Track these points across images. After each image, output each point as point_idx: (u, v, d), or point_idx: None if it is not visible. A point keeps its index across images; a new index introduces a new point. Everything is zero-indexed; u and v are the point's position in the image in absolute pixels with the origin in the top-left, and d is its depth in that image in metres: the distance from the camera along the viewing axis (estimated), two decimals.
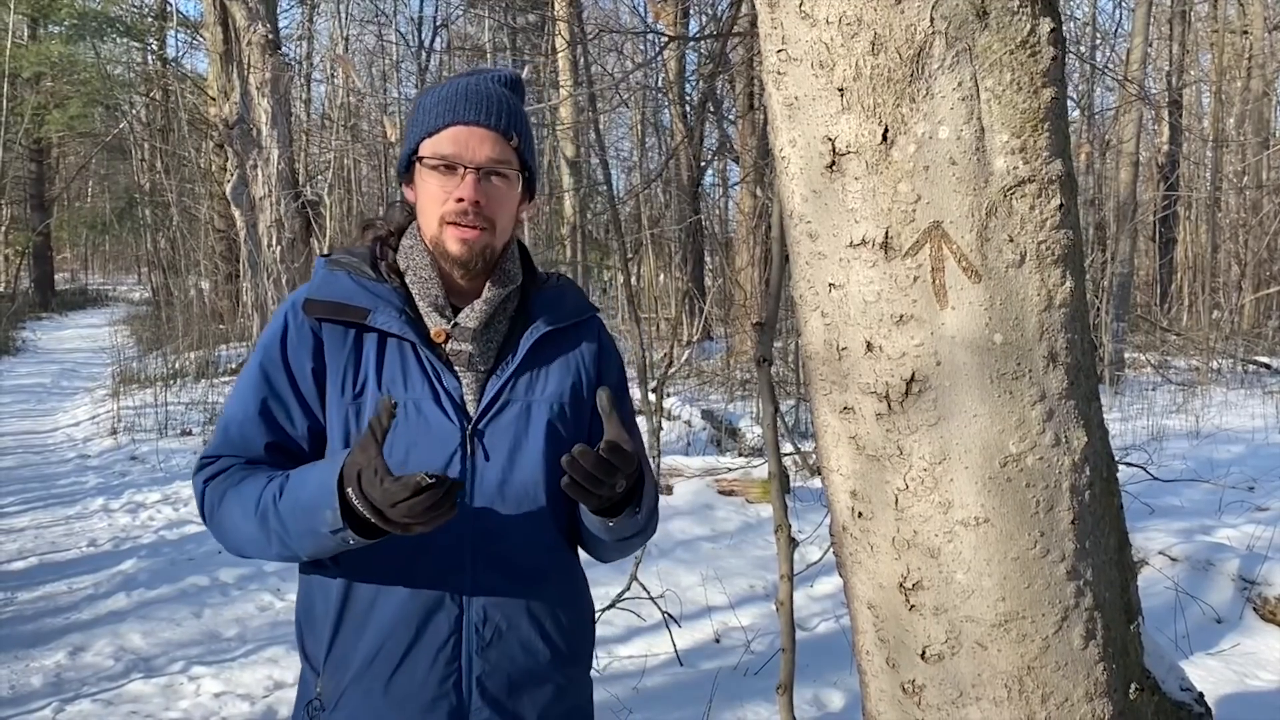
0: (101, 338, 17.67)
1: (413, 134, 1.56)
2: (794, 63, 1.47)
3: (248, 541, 1.47)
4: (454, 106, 1.53)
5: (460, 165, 1.50)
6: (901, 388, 1.45)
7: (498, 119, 1.53)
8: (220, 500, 1.48)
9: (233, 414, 1.54)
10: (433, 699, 1.47)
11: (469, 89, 1.55)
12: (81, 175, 30.89)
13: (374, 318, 1.50)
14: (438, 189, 1.51)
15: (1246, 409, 9.61)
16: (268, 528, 1.42)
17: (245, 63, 12.42)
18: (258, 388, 1.53)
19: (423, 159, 1.53)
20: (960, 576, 1.47)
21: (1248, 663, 4.02)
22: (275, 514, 1.41)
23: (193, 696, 3.82)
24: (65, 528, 6.25)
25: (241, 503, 1.45)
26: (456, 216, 1.50)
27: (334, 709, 1.49)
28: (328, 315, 1.51)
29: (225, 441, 1.53)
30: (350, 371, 1.51)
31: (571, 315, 1.63)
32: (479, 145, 1.51)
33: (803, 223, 1.53)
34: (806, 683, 3.77)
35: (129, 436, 9.07)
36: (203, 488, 1.52)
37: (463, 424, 1.50)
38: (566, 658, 1.58)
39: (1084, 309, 1.49)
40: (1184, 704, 1.70)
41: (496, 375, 1.54)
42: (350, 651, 1.49)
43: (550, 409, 1.56)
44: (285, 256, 12.65)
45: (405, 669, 1.47)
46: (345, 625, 1.49)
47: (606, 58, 17.37)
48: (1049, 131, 1.40)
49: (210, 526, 1.52)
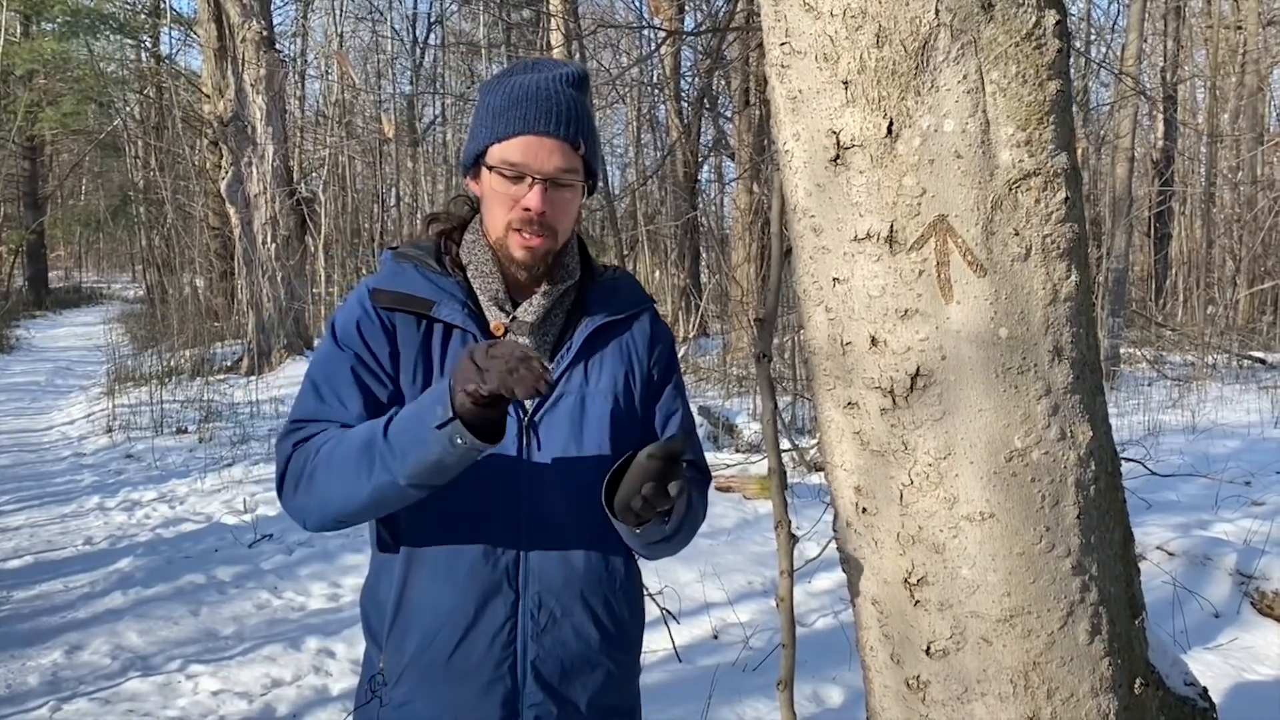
0: (96, 336, 17.62)
1: (480, 133, 1.57)
2: (798, 56, 1.46)
3: (340, 483, 1.44)
4: (524, 114, 1.53)
5: (529, 175, 1.52)
6: (906, 382, 1.45)
7: (567, 128, 1.54)
8: (316, 455, 1.46)
9: (322, 378, 1.55)
10: (488, 681, 1.52)
11: (539, 93, 1.54)
12: (75, 173, 30.82)
13: (438, 309, 1.54)
14: (505, 195, 1.54)
15: (1242, 404, 9.62)
16: (371, 454, 1.40)
17: (240, 59, 12.38)
18: (342, 358, 1.54)
19: (493, 167, 1.54)
20: (965, 572, 1.47)
21: (1246, 657, 4.02)
22: (383, 440, 1.40)
23: (190, 695, 3.81)
24: (61, 526, 6.22)
25: (345, 447, 1.43)
26: (522, 224, 1.53)
27: (395, 685, 1.55)
28: (395, 305, 1.55)
29: (319, 405, 1.53)
30: (420, 360, 1.55)
31: (626, 307, 1.66)
32: (548, 156, 1.52)
33: (806, 217, 1.52)
34: (806, 679, 3.77)
35: (124, 434, 9.05)
36: (291, 451, 1.50)
37: (519, 415, 1.54)
38: (618, 644, 1.63)
39: (1088, 303, 1.49)
40: (1188, 699, 1.70)
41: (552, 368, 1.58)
42: (410, 631, 1.53)
43: (605, 400, 1.60)
44: (280, 253, 12.63)
45: (462, 651, 1.52)
46: (405, 606, 1.54)
47: (602, 53, 17.36)
48: (1054, 124, 1.39)
49: (289, 495, 1.50)
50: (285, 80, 14.01)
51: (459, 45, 19.49)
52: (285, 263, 12.62)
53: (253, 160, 12.49)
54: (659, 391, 1.69)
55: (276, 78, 12.63)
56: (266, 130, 12.47)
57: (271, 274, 12.53)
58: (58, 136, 26.23)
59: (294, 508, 1.51)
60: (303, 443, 1.51)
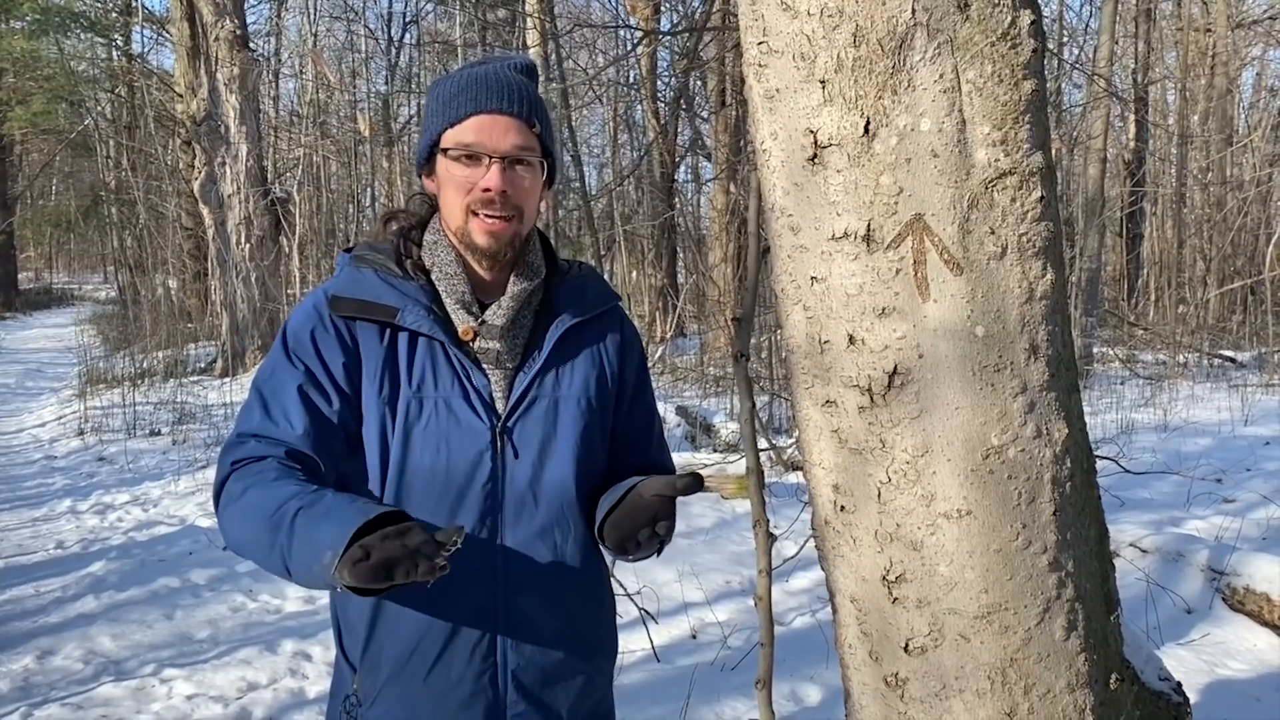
0: (67, 337, 17.43)
1: (432, 124, 1.55)
2: (775, 55, 1.46)
3: (248, 541, 1.39)
4: (475, 95, 1.51)
5: (484, 154, 1.49)
6: (884, 381, 1.45)
7: (520, 106, 1.52)
8: (243, 492, 1.41)
9: (269, 391, 1.50)
10: (470, 694, 1.50)
11: (488, 77, 1.53)
12: (45, 173, 30.45)
13: (403, 316, 1.50)
14: (462, 179, 1.51)
15: (1213, 402, 9.73)
16: (275, 537, 1.33)
17: (213, 58, 12.28)
18: (291, 372, 1.49)
19: (446, 150, 1.51)
20: (943, 569, 1.48)
21: (1218, 652, 4.06)
22: (287, 530, 1.32)
23: (164, 699, 3.77)
24: (32, 530, 6.15)
25: (259, 507, 1.37)
26: (482, 206, 1.50)
27: (372, 704, 1.51)
28: (357, 314, 1.50)
29: (264, 421, 1.48)
30: (385, 370, 1.50)
31: (595, 306, 1.64)
32: (503, 134, 1.50)
33: (784, 216, 1.52)
34: (784, 677, 3.78)
35: (96, 437, 8.95)
36: (229, 470, 1.45)
37: (492, 422, 1.51)
38: (595, 649, 1.63)
39: (1064, 301, 1.50)
40: (1162, 693, 1.72)
41: (524, 372, 1.55)
42: (387, 648, 1.50)
43: (578, 404, 1.58)
44: (254, 254, 12.53)
45: (441, 665, 1.49)
46: (381, 622, 1.50)
47: (579, 53, 17.34)
48: (1030, 124, 1.40)
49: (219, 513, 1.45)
50: (259, 79, 13.90)
51: (434, 45, 19.41)
52: (260, 263, 12.52)
53: (226, 160, 12.39)
54: (632, 395, 1.68)
55: (250, 77, 12.53)
56: (240, 130, 12.37)
57: (246, 275, 12.43)
58: (27, 136, 25.88)
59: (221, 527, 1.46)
60: (241, 464, 1.45)
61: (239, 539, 1.42)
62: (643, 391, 1.70)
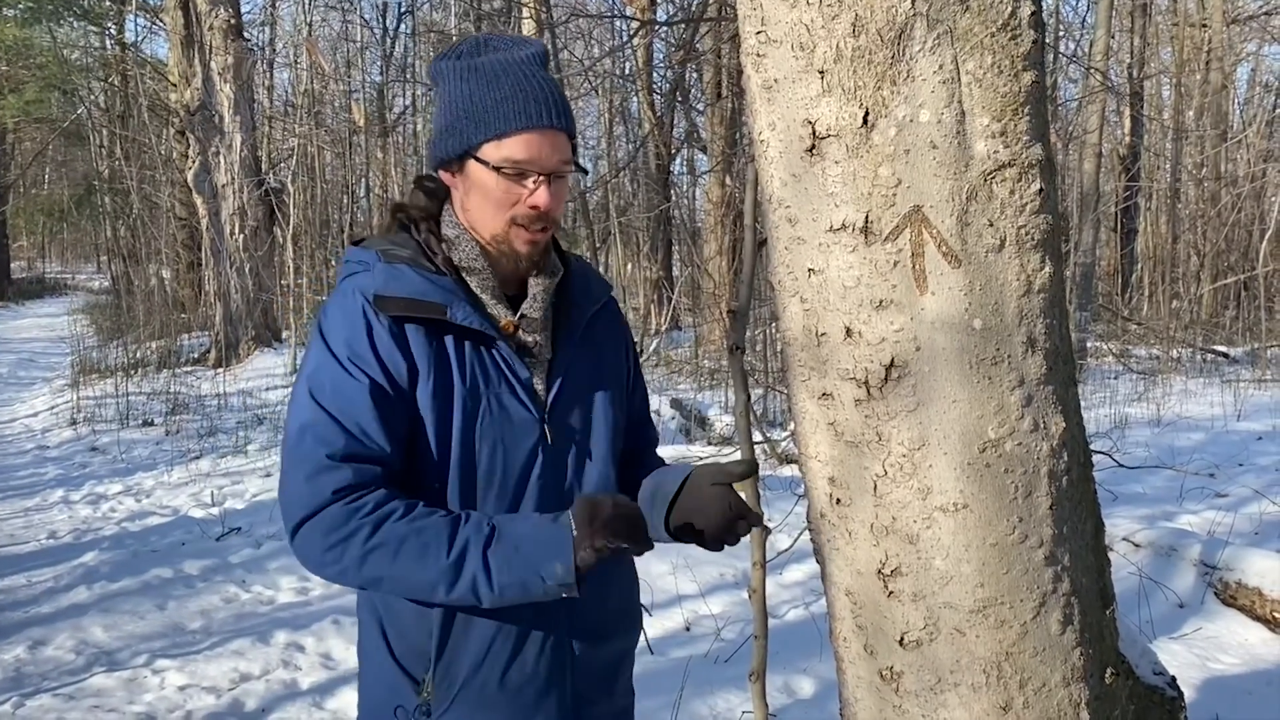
0: (60, 327, 17.37)
1: (466, 127, 1.50)
2: (773, 44, 1.45)
3: (407, 577, 1.39)
4: (524, 108, 1.48)
5: (534, 172, 1.49)
6: (881, 373, 1.44)
7: (564, 119, 1.52)
8: (377, 532, 1.38)
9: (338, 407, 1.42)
10: (544, 687, 1.54)
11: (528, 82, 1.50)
12: (38, 162, 30.32)
13: (452, 313, 1.46)
14: (506, 193, 1.49)
15: (1206, 397, 9.75)
16: (459, 570, 1.38)
17: (207, 48, 12.22)
18: (355, 385, 1.42)
19: (499, 168, 1.48)
20: (939, 563, 1.47)
21: (1210, 646, 4.08)
22: (480, 564, 1.38)
23: (157, 690, 3.77)
24: (24, 519, 6.13)
25: (421, 544, 1.38)
26: (528, 221, 1.50)
27: (445, 711, 1.50)
28: (405, 313, 1.45)
29: (349, 441, 1.41)
30: (438, 369, 1.47)
31: (599, 296, 1.68)
32: (551, 150, 1.49)
33: (782, 207, 1.51)
34: (777, 670, 3.78)
35: (89, 427, 8.92)
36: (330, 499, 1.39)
37: (540, 414, 1.53)
38: (637, 621, 1.71)
39: (1062, 295, 1.49)
40: (1157, 687, 1.72)
41: (559, 362, 1.58)
42: (462, 653, 1.50)
43: (607, 390, 1.63)
44: (248, 244, 12.49)
45: (517, 663, 1.51)
46: (454, 633, 1.49)
47: (574, 44, 17.29)
48: (1029, 115, 1.39)
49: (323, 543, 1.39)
50: (253, 69, 13.85)
51: (430, 34, 19.33)
52: (253, 254, 12.48)
53: (220, 150, 12.34)
54: (632, 376, 1.75)
55: (244, 66, 12.48)
56: (234, 120, 12.32)
57: (239, 265, 12.40)
58: (20, 124, 25.77)
59: (317, 560, 1.41)
60: (347, 494, 1.39)
61: (379, 576, 1.40)
62: (639, 371, 1.79)
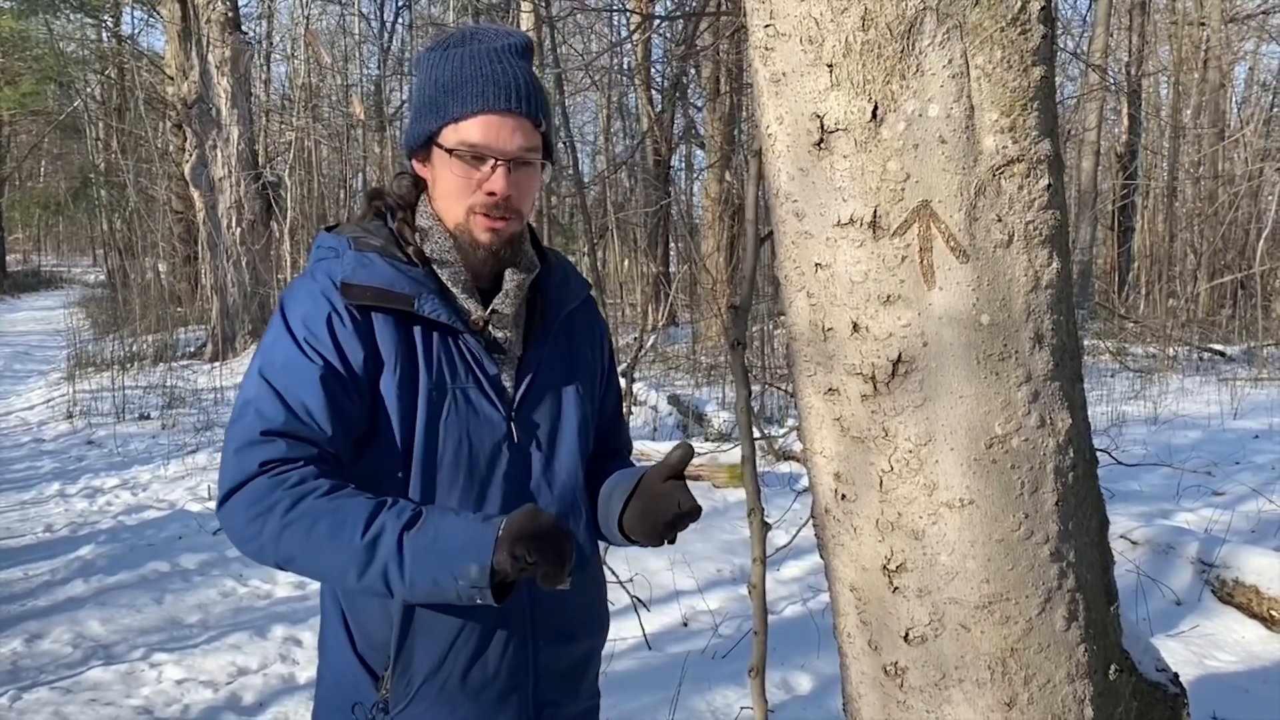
0: (56, 320, 17.32)
1: (430, 113, 1.49)
2: (782, 38, 1.44)
3: (318, 559, 1.33)
4: (482, 90, 1.45)
5: (490, 157, 1.46)
6: (888, 369, 1.44)
7: (528, 104, 1.48)
8: (294, 508, 1.32)
9: (285, 385, 1.38)
10: (505, 688, 1.51)
11: (494, 68, 1.47)
12: (34, 154, 30.24)
13: (420, 305, 1.44)
14: (464, 179, 1.47)
15: (1202, 395, 9.77)
16: (373, 555, 1.31)
17: (204, 40, 12.19)
18: (308, 365, 1.39)
19: (452, 150, 1.46)
20: (944, 558, 1.47)
21: (1207, 644, 4.08)
22: (394, 551, 1.30)
23: (154, 684, 3.76)
24: (20, 513, 6.12)
25: (335, 524, 1.31)
26: (486, 209, 1.47)
27: (405, 707, 1.47)
28: (372, 302, 1.43)
29: (289, 419, 1.37)
30: (401, 363, 1.44)
31: (577, 294, 1.66)
32: (510, 135, 1.46)
33: (789, 201, 1.51)
34: (775, 665, 3.78)
35: (85, 421, 8.91)
36: (256, 471, 1.35)
37: (506, 411, 1.51)
38: (602, 625, 1.68)
39: (1069, 290, 1.49)
40: (1160, 684, 1.72)
41: (528, 360, 1.55)
42: (421, 651, 1.47)
43: (577, 391, 1.60)
44: (245, 238, 12.47)
45: (479, 663, 1.49)
46: (412, 631, 1.46)
47: (573, 39, 17.26)
48: (1038, 111, 1.39)
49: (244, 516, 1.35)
50: (251, 62, 13.80)
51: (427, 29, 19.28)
52: (250, 247, 12.46)
53: (217, 143, 12.31)
54: (605, 376, 1.73)
55: (242, 60, 12.44)
56: (231, 113, 12.29)
57: (236, 259, 12.38)
58: (16, 117, 25.70)
59: (240, 534, 1.36)
60: (272, 467, 1.35)
61: (292, 555, 1.35)
62: (613, 372, 1.75)
